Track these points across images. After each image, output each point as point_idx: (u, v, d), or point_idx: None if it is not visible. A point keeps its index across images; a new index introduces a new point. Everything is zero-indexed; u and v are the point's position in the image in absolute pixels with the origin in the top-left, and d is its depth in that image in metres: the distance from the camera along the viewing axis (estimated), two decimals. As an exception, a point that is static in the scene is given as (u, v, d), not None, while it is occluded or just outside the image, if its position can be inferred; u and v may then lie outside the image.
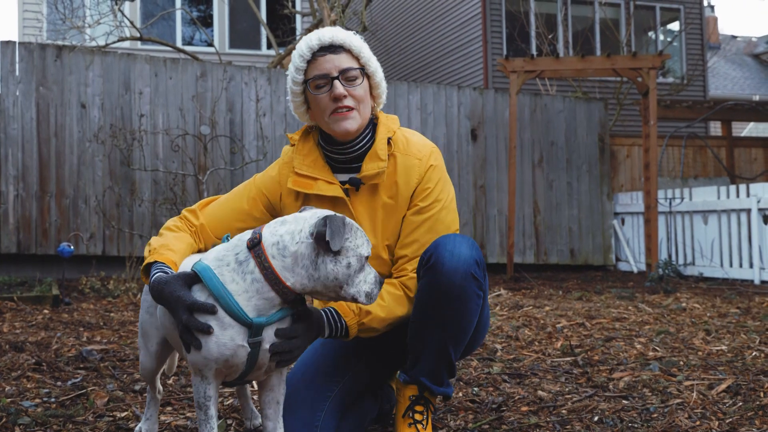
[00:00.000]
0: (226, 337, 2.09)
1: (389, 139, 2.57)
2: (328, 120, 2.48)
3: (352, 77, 2.48)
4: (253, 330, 2.11)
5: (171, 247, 2.36)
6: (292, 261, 2.09)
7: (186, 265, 2.32)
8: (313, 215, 2.14)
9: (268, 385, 2.33)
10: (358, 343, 2.68)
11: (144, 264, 2.32)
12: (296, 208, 2.54)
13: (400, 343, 2.62)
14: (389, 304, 2.43)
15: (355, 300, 2.15)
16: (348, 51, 2.50)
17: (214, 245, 2.46)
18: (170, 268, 2.26)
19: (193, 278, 2.14)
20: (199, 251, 2.54)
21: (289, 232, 2.11)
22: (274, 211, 2.64)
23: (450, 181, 2.66)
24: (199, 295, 2.12)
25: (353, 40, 2.51)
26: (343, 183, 2.55)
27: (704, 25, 18.18)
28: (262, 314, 2.12)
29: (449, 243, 2.40)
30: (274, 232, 2.13)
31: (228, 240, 2.26)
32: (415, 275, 2.50)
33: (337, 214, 2.10)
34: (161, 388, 2.78)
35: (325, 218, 2.08)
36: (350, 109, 2.47)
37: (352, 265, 2.12)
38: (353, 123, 2.48)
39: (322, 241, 2.07)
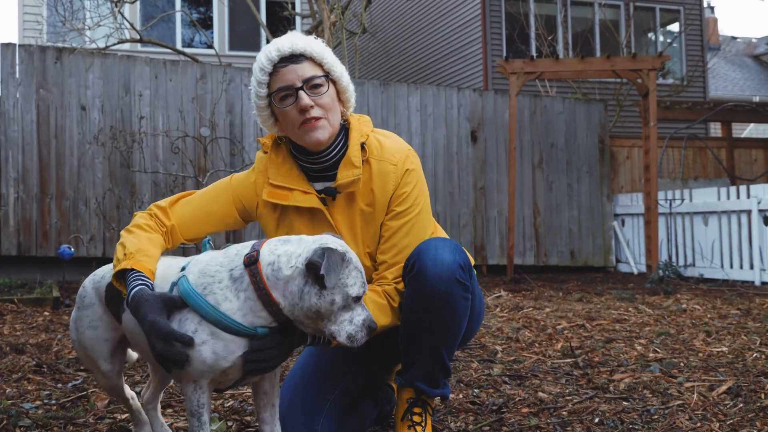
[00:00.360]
0: (225, 350, 2.07)
1: (363, 144, 2.50)
2: (299, 132, 2.41)
3: (317, 85, 2.40)
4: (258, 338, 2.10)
5: (147, 253, 2.27)
6: (283, 284, 2.06)
7: (165, 271, 2.27)
8: (315, 242, 2.09)
9: (262, 389, 2.31)
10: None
11: (118, 268, 2.22)
12: (274, 219, 2.53)
13: (394, 343, 2.59)
14: (372, 314, 2.31)
15: (333, 337, 2.08)
16: (310, 59, 2.41)
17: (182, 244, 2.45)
18: (150, 281, 2.18)
19: (176, 303, 2.09)
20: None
21: (287, 254, 2.08)
22: (249, 218, 2.60)
23: (425, 182, 2.62)
24: (191, 317, 2.08)
25: (314, 46, 2.43)
26: (319, 192, 2.49)
27: (704, 26, 18.19)
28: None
29: (431, 250, 2.37)
30: (272, 251, 2.09)
31: (208, 247, 2.24)
32: (395, 284, 2.47)
33: (339, 249, 2.06)
34: (132, 393, 2.70)
35: (324, 250, 2.02)
36: (318, 118, 2.39)
37: (336, 302, 2.04)
38: (323, 132, 2.41)
39: (313, 272, 2.02)
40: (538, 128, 10.95)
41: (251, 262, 2.07)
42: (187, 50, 14.85)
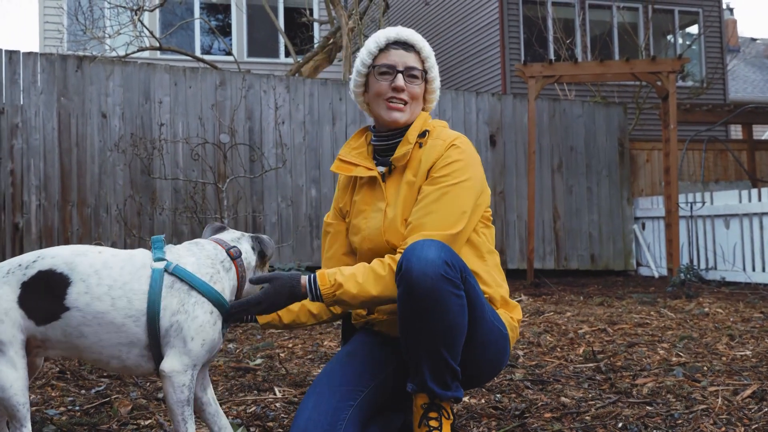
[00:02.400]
0: (220, 329, 2.41)
1: (426, 131, 2.73)
2: (381, 104, 2.72)
3: (414, 76, 2.71)
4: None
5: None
6: (251, 270, 2.56)
7: (126, 266, 2.36)
8: (244, 237, 2.60)
9: (201, 374, 2.54)
10: (385, 354, 2.70)
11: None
12: (350, 200, 2.86)
13: None
14: (364, 282, 2.45)
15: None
16: (417, 53, 2.74)
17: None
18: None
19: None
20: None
21: (245, 250, 2.54)
22: (344, 215, 2.92)
23: (477, 172, 2.67)
24: (205, 301, 2.35)
25: (425, 45, 2.76)
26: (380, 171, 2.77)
27: (723, 28, 18.09)
28: None
29: (417, 248, 2.37)
30: (242, 248, 2.55)
31: (158, 246, 2.43)
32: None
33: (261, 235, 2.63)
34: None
35: (254, 238, 2.61)
36: (405, 103, 2.70)
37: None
38: (402, 116, 2.70)
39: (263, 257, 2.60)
40: (557, 132, 10.92)
41: (237, 255, 2.49)
42: (206, 57, 14.94)
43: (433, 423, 2.55)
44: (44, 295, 2.26)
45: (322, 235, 2.97)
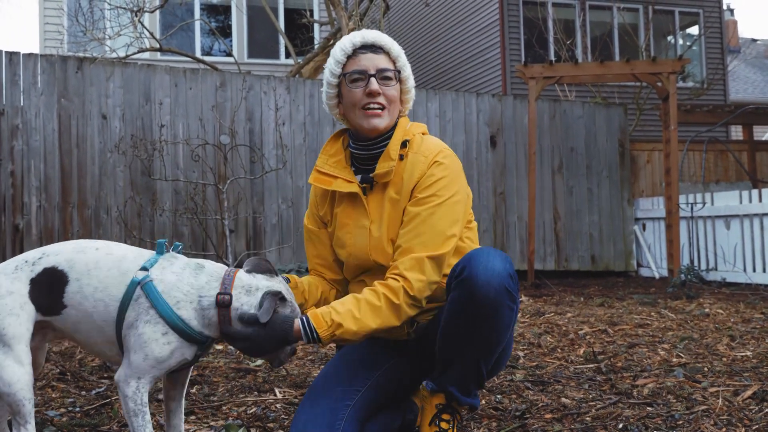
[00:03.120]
0: (180, 352, 2.33)
1: (406, 141, 2.65)
2: (358, 113, 2.62)
3: (388, 77, 2.63)
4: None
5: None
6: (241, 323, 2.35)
7: (121, 263, 2.38)
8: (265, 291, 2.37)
9: (179, 382, 2.58)
10: (382, 354, 2.70)
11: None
12: (330, 211, 2.77)
13: (425, 359, 2.65)
14: (362, 317, 2.38)
15: None
16: (387, 53, 2.66)
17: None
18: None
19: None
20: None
21: (248, 304, 2.34)
22: (326, 220, 2.84)
23: (462, 185, 2.63)
24: (161, 322, 2.29)
25: (393, 45, 2.68)
26: (360, 182, 2.68)
27: (724, 29, 18.10)
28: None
29: (483, 256, 2.38)
30: (239, 299, 2.35)
31: (158, 252, 2.42)
32: (399, 277, 2.45)
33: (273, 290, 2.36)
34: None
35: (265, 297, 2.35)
36: (381, 108, 2.61)
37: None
38: (382, 121, 2.62)
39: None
40: (557, 133, 10.92)
41: (224, 304, 2.32)
42: (207, 58, 14.94)
43: (444, 425, 2.56)
44: (48, 292, 2.34)
45: (305, 239, 2.90)
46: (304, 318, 2.36)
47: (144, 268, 2.34)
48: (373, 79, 2.59)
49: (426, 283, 2.45)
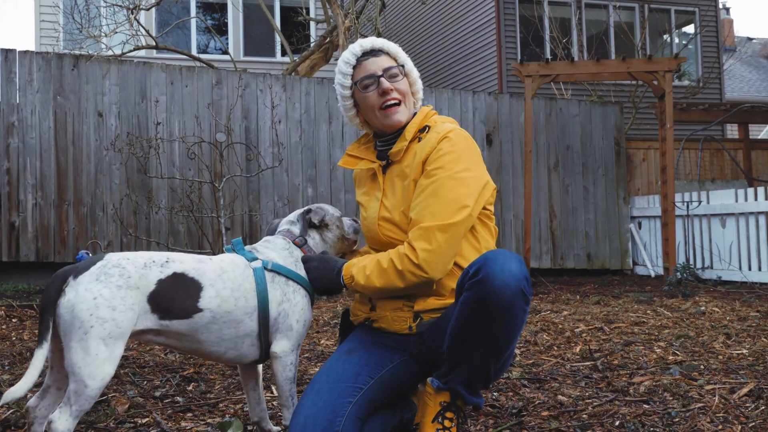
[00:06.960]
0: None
1: (427, 126, 2.77)
2: (379, 115, 2.78)
3: (395, 74, 2.78)
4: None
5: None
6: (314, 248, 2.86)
7: (234, 270, 2.62)
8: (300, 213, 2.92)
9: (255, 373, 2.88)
10: (384, 352, 2.71)
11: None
12: (362, 194, 2.99)
13: (426, 361, 2.68)
14: (371, 274, 2.58)
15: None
16: (387, 53, 2.82)
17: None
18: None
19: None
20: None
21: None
22: None
23: (474, 163, 2.65)
24: (299, 287, 2.71)
25: (390, 44, 2.84)
26: (378, 159, 2.89)
27: (720, 28, 18.10)
28: None
29: (499, 258, 2.38)
30: (295, 231, 2.87)
31: (242, 247, 2.78)
32: (407, 245, 2.54)
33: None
34: None
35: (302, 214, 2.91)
36: (398, 102, 2.76)
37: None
38: (402, 115, 2.77)
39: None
40: (553, 131, 10.92)
41: (303, 243, 2.81)
42: (203, 56, 14.93)
43: (447, 423, 2.57)
44: (178, 296, 2.44)
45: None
46: (342, 264, 2.69)
47: (254, 258, 2.65)
48: (382, 79, 2.74)
49: (433, 253, 2.50)
